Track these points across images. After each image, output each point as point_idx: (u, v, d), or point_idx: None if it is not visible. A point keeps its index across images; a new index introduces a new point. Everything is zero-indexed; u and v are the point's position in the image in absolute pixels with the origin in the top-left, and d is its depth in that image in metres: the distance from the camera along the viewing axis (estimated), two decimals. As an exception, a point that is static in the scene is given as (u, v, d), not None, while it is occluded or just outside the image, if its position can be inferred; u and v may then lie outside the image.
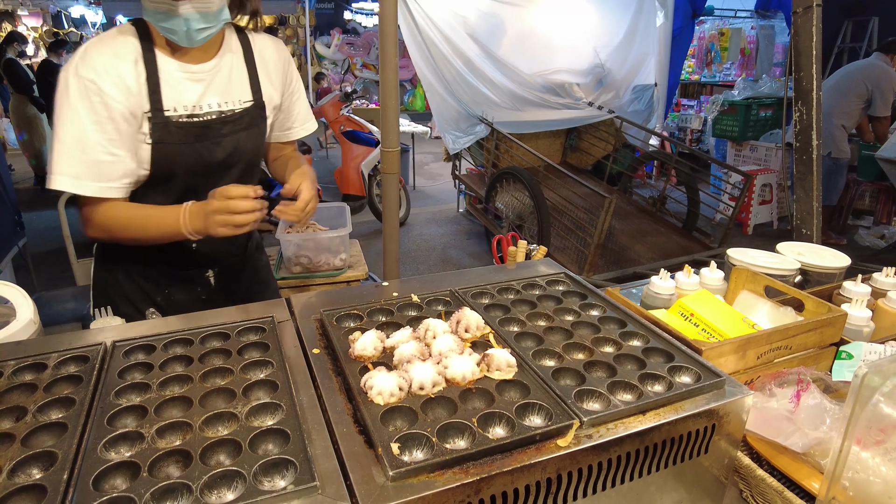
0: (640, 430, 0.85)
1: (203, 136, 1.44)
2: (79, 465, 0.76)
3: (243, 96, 1.52)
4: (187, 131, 1.42)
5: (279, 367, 0.97)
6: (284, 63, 1.62)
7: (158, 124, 1.37)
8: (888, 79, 5.24)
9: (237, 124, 1.50)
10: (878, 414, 0.84)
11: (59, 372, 0.98)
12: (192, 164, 1.44)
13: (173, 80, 1.39)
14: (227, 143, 1.49)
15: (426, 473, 0.74)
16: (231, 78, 1.50)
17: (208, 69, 1.45)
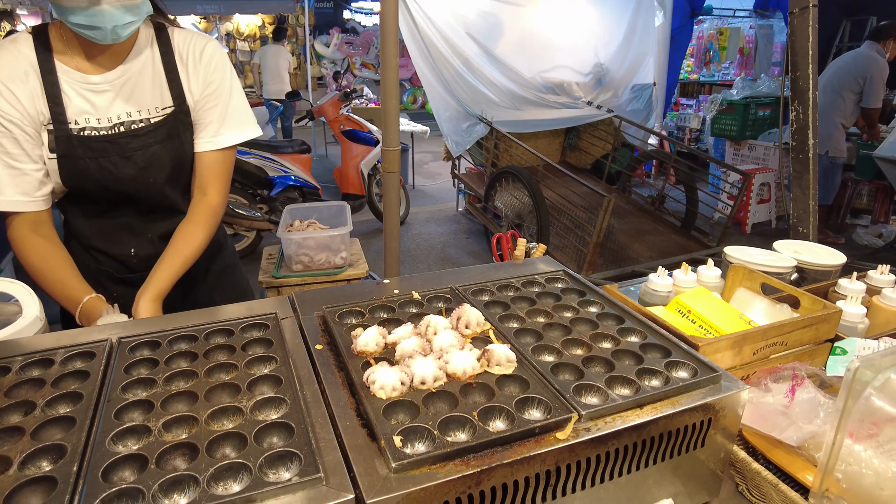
0: (638, 424, 0.87)
1: (108, 151, 1.35)
2: (88, 457, 0.77)
3: (161, 103, 1.41)
4: (90, 146, 1.34)
5: (283, 363, 0.99)
6: (207, 61, 1.46)
7: (61, 137, 1.31)
8: (878, 68, 5.18)
9: (152, 136, 1.40)
10: (870, 407, 0.86)
11: (66, 367, 1.00)
12: (102, 180, 1.36)
13: (74, 91, 1.32)
14: (140, 158, 1.39)
15: (428, 465, 0.76)
16: (143, 84, 1.39)
17: (113, 78, 1.35)
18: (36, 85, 1.29)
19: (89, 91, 1.34)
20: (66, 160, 1.33)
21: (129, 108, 1.38)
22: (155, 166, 1.43)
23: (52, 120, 1.31)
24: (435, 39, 5.15)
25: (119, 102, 1.37)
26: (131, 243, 1.53)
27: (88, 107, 1.35)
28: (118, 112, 1.37)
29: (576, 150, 6.44)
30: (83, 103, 1.34)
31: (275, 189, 5.22)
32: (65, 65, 1.32)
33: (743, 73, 8.69)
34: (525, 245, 1.51)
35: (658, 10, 6.20)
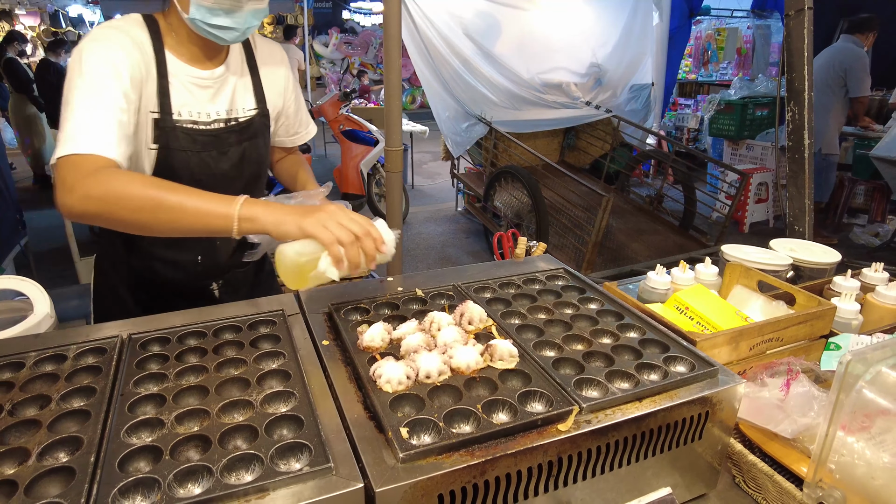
0: (637, 416, 0.89)
1: (210, 144, 1.39)
2: (104, 448, 0.80)
3: (248, 104, 1.47)
4: (194, 139, 1.36)
5: (291, 358, 1.01)
6: (286, 69, 1.58)
7: (166, 128, 1.32)
8: (856, 57, 5.16)
9: (243, 133, 1.45)
10: (862, 400, 0.89)
11: (79, 363, 1.02)
12: (197, 174, 1.38)
13: (182, 84, 1.35)
14: (234, 153, 1.44)
15: (434, 455, 0.79)
16: (237, 85, 1.45)
17: (217, 75, 1.40)
18: (147, 72, 1.28)
19: (194, 85, 1.36)
20: (168, 152, 1.33)
21: (225, 106, 1.42)
22: (244, 163, 1.47)
23: (160, 110, 1.31)
24: (434, 39, 5.18)
25: (218, 100, 1.41)
26: (198, 249, 1.49)
27: (192, 100, 1.37)
28: (217, 108, 1.41)
29: (574, 149, 6.47)
30: (187, 96, 1.36)
31: (275, 189, 5.24)
32: (175, 57, 1.34)
33: (741, 73, 8.72)
34: (526, 243, 1.54)
35: (655, 10, 6.23)
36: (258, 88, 1.50)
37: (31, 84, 7.48)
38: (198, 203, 1.11)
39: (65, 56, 8.35)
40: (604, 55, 6.16)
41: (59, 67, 7.50)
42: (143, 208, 1.10)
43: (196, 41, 1.35)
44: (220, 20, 1.26)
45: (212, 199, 1.11)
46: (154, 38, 1.31)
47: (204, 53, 1.38)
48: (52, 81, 7.29)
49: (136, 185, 1.11)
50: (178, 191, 1.12)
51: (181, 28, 1.33)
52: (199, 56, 1.37)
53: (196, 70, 1.37)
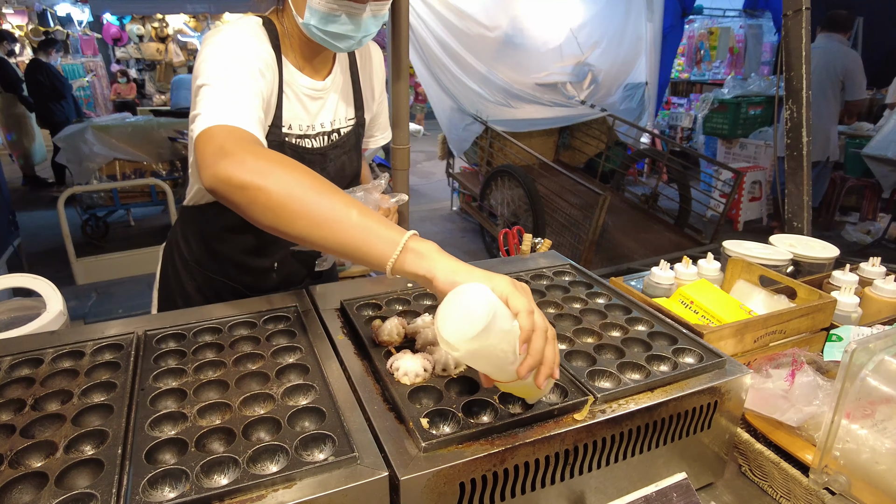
0: (649, 406, 0.92)
1: (314, 162, 1.31)
2: (130, 441, 0.81)
3: (349, 114, 1.39)
4: (300, 155, 1.28)
5: (308, 352, 1.03)
6: (382, 71, 1.49)
7: (273, 142, 1.23)
8: (852, 58, 5.10)
9: (343, 147, 1.38)
10: (865, 388, 0.91)
11: (97, 359, 1.03)
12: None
13: (294, 94, 1.26)
14: (332, 168, 1.36)
15: (455, 445, 0.81)
16: (342, 93, 1.37)
17: (328, 85, 1.32)
18: (271, 78, 1.19)
19: (307, 96, 1.29)
20: None
21: (330, 118, 1.35)
22: (339, 177, 1.39)
23: (272, 124, 1.23)
24: (429, 40, 5.20)
25: (325, 111, 1.34)
26: (276, 256, 1.44)
27: (302, 112, 1.29)
28: (322, 120, 1.33)
29: (569, 148, 6.51)
30: (298, 107, 1.28)
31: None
32: (291, 65, 1.26)
33: (733, 72, 8.79)
34: (531, 240, 1.56)
35: (648, 9, 6.28)
36: (358, 96, 1.42)
37: (21, 83, 7.44)
38: (364, 218, 0.89)
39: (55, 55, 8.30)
40: (598, 54, 6.20)
41: (50, 67, 7.45)
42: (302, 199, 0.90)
43: (309, 48, 1.27)
44: (336, 27, 1.18)
45: (380, 220, 0.90)
46: (274, 44, 1.22)
47: (313, 61, 1.29)
48: (42, 81, 7.25)
49: (305, 175, 0.93)
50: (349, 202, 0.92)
51: (294, 33, 1.25)
52: (312, 64, 1.29)
53: (308, 80, 1.28)
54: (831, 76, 5.12)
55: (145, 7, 9.78)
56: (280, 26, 1.25)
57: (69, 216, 4.56)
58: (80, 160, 5.32)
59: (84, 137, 5.35)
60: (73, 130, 5.47)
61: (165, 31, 11.56)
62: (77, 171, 5.35)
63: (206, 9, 10.20)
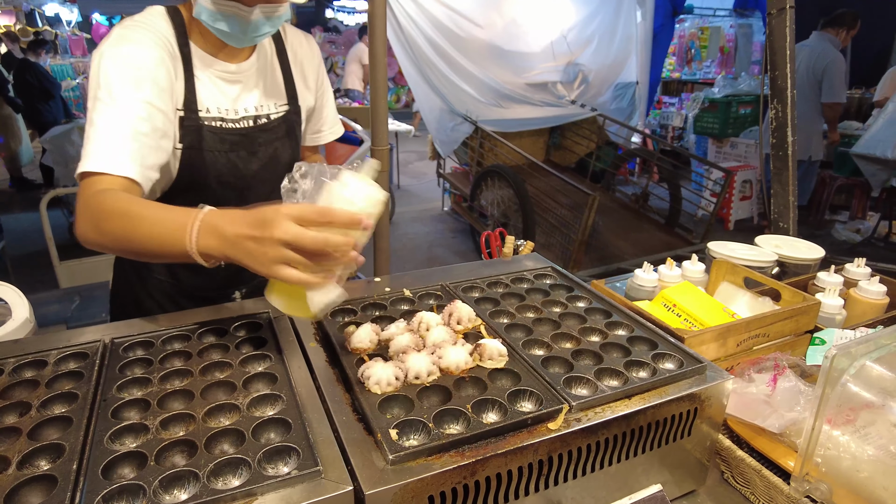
0: (627, 414, 0.89)
1: (239, 144, 1.31)
2: (87, 455, 0.78)
3: (279, 100, 1.39)
4: (222, 138, 1.28)
5: (277, 360, 1.00)
6: (318, 63, 1.50)
7: (191, 127, 1.23)
8: (832, 59, 5.02)
9: (275, 132, 1.37)
10: (846, 394, 0.89)
11: (60, 368, 1.00)
12: (224, 175, 1.30)
13: (208, 78, 1.26)
14: (264, 154, 1.35)
15: (424, 457, 0.78)
16: (266, 80, 1.37)
17: (246, 68, 1.31)
18: (172, 67, 1.21)
19: (222, 80, 1.29)
20: (194, 152, 1.25)
21: (255, 102, 1.34)
22: (274, 163, 1.39)
23: (185, 107, 1.23)
24: (418, 40, 5.17)
25: (247, 95, 1.33)
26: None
27: (220, 96, 1.29)
28: (245, 105, 1.33)
29: (560, 148, 6.49)
30: (215, 92, 1.28)
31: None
32: (202, 49, 1.26)
33: (724, 71, 8.82)
34: (513, 242, 1.53)
35: (639, 8, 6.28)
36: (289, 83, 1.41)
37: (7, 84, 7.36)
38: (159, 211, 1.03)
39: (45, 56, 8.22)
40: (588, 54, 6.19)
41: (39, 68, 7.38)
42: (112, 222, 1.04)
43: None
44: (223, 25, 1.20)
45: (175, 210, 1.02)
46: (178, 31, 1.23)
47: (228, 47, 1.29)
48: (30, 82, 7.17)
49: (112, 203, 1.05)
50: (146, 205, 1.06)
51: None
52: (226, 48, 1.28)
53: (223, 63, 1.28)
54: (813, 76, 5.11)
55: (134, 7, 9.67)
56: (188, 14, 1.26)
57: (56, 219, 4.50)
58: (67, 161, 5.26)
59: (70, 139, 5.29)
60: (59, 131, 5.42)
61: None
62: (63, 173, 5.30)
63: (196, 8, 10.13)
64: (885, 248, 5.59)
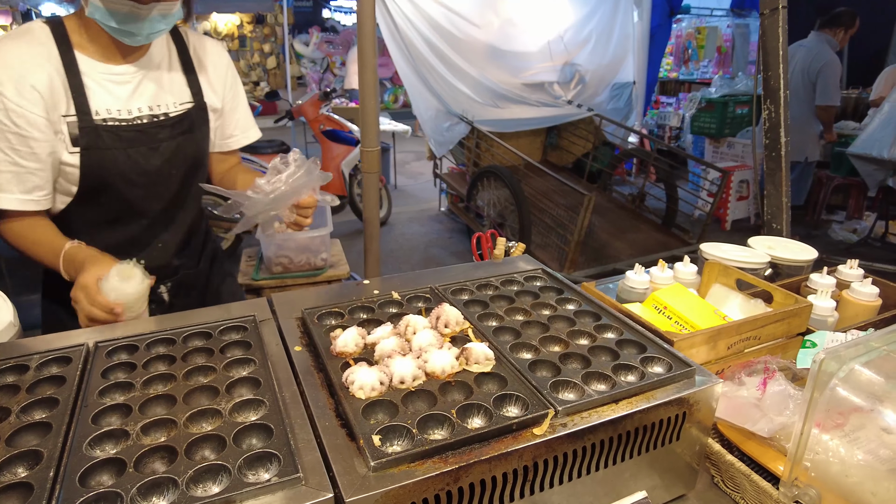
0: (614, 419, 0.88)
1: (137, 140, 1.35)
2: (64, 462, 0.77)
3: (180, 98, 1.44)
4: (119, 136, 1.32)
5: (261, 365, 0.99)
6: (225, 66, 1.54)
7: (86, 129, 1.28)
8: (827, 61, 4.97)
9: (176, 128, 1.41)
10: (835, 398, 0.89)
11: (42, 373, 0.99)
12: (128, 172, 1.35)
13: (95, 82, 1.31)
14: (166, 149, 1.40)
15: (406, 463, 0.77)
16: (162, 79, 1.41)
17: (136, 70, 1.36)
18: (55, 76, 1.25)
19: (111, 82, 1.33)
20: (92, 152, 1.30)
21: (149, 102, 1.38)
22: (179, 158, 1.43)
23: (77, 111, 1.27)
24: (415, 40, 5.16)
25: (140, 95, 1.37)
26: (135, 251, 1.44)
27: (111, 98, 1.33)
28: (139, 104, 1.36)
29: (557, 148, 6.48)
30: (105, 95, 1.32)
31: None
32: (86, 56, 1.30)
33: (721, 71, 8.81)
34: (505, 244, 1.52)
35: (636, 8, 6.27)
36: (193, 82, 1.46)
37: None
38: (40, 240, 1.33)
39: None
40: (585, 54, 6.18)
41: None
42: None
43: (105, 38, 1.31)
44: (117, 24, 1.24)
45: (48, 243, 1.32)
46: (59, 41, 1.28)
47: (117, 49, 1.33)
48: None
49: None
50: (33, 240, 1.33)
51: (90, 26, 1.29)
52: (113, 52, 1.33)
53: (111, 67, 1.33)
54: (808, 78, 5.08)
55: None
56: (73, 22, 1.31)
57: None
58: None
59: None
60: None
61: (152, 31, 11.46)
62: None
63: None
64: (881, 247, 5.59)
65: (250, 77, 13.09)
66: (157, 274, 1.46)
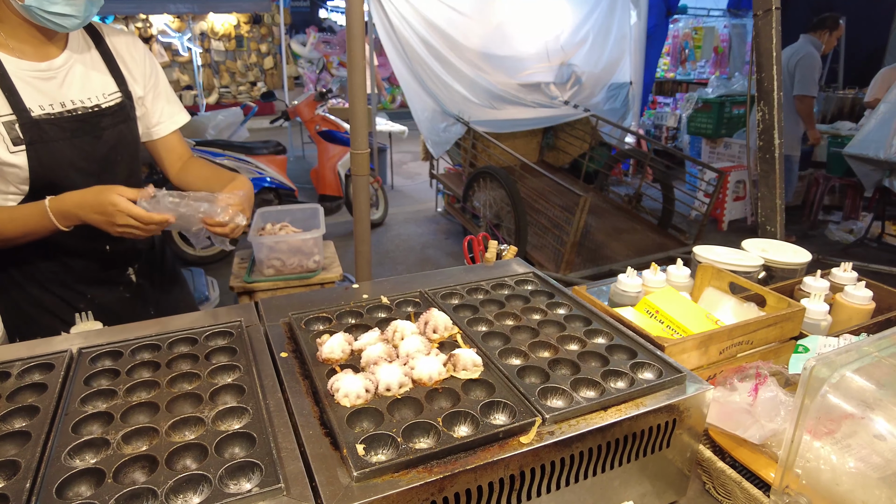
0: (602, 426, 0.87)
1: (80, 130, 1.37)
2: (42, 473, 0.76)
3: (107, 89, 1.45)
4: (62, 127, 1.33)
5: (246, 372, 0.97)
6: (142, 55, 1.55)
7: (27, 124, 1.28)
8: (805, 54, 5.11)
9: (116, 117, 1.44)
10: (827, 405, 0.87)
11: (24, 380, 0.98)
12: (77, 161, 1.36)
13: (23, 80, 1.31)
14: (110, 137, 1.42)
15: (390, 473, 0.76)
16: (86, 71, 1.42)
17: (59, 65, 1.37)
18: None
19: (37, 79, 1.33)
20: (38, 146, 1.30)
21: (78, 95, 1.39)
22: (122, 144, 1.46)
23: (13, 109, 1.27)
24: (411, 40, 5.14)
25: (67, 89, 1.37)
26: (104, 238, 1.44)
27: (40, 95, 1.33)
28: (68, 97, 1.37)
29: (553, 149, 6.47)
30: (34, 91, 1.32)
31: (253, 190, 5.15)
32: (7, 55, 1.30)
33: (718, 71, 8.81)
34: (496, 247, 1.51)
35: (633, 9, 6.26)
36: (117, 74, 1.47)
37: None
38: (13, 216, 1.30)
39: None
40: (582, 54, 6.17)
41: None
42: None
43: (24, 35, 1.31)
44: (58, 7, 1.25)
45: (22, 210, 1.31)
46: None
47: (35, 46, 1.34)
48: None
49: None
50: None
51: (7, 23, 1.29)
52: (32, 50, 1.33)
53: (33, 63, 1.33)
54: (787, 73, 5.14)
55: (128, 7, 9.64)
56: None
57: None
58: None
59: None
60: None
61: (149, 31, 11.41)
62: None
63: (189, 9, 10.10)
64: (877, 248, 5.59)
65: (247, 77, 13.05)
66: (125, 258, 1.57)
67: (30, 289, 1.46)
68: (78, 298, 1.51)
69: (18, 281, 1.46)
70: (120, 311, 1.55)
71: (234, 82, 12.94)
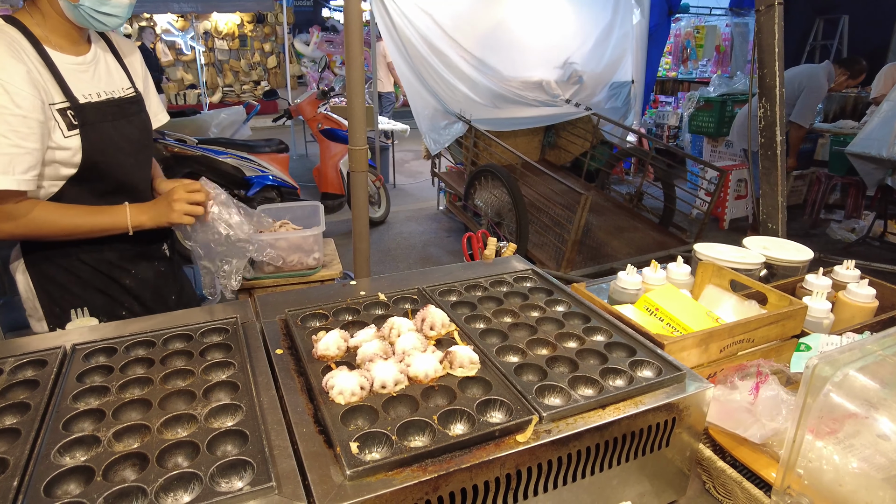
0: (600, 425, 0.86)
1: (118, 114, 1.50)
2: (30, 471, 0.74)
3: (123, 84, 1.57)
4: (104, 112, 1.46)
5: (241, 369, 0.96)
6: (139, 57, 1.69)
7: (78, 109, 1.40)
8: (818, 87, 5.08)
9: (137, 105, 1.58)
10: (829, 404, 0.86)
11: (15, 377, 0.97)
12: (119, 142, 1.49)
13: (66, 71, 1.41)
14: (138, 121, 1.57)
15: (384, 472, 0.75)
16: (108, 68, 1.55)
17: (89, 59, 1.49)
18: (35, 69, 1.34)
19: (76, 70, 1.44)
20: (88, 129, 1.41)
21: (105, 87, 1.51)
22: (147, 130, 1.61)
23: (66, 96, 1.39)
24: (413, 38, 5.13)
25: (97, 81, 1.50)
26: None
27: (80, 84, 1.44)
28: (97, 90, 1.48)
29: (555, 147, 6.45)
30: (76, 81, 1.44)
31: (252, 189, 5.15)
32: (51, 48, 1.40)
33: (719, 70, 8.78)
34: (495, 244, 1.50)
35: (635, 8, 6.23)
36: (126, 71, 1.61)
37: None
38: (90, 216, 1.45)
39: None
40: (584, 53, 6.15)
41: None
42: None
43: (63, 31, 1.42)
44: (109, 8, 1.39)
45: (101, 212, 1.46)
46: (27, 36, 1.36)
47: (72, 42, 1.45)
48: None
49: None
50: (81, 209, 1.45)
51: (49, 20, 1.39)
52: (69, 44, 1.45)
53: (71, 57, 1.44)
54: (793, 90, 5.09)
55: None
56: (30, 17, 1.40)
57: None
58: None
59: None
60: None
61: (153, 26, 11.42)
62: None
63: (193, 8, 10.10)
64: (880, 247, 5.56)
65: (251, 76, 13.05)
66: (160, 234, 1.69)
67: (74, 269, 1.53)
68: (123, 274, 1.60)
69: (59, 263, 1.52)
70: (159, 284, 1.68)
71: (237, 81, 12.95)
